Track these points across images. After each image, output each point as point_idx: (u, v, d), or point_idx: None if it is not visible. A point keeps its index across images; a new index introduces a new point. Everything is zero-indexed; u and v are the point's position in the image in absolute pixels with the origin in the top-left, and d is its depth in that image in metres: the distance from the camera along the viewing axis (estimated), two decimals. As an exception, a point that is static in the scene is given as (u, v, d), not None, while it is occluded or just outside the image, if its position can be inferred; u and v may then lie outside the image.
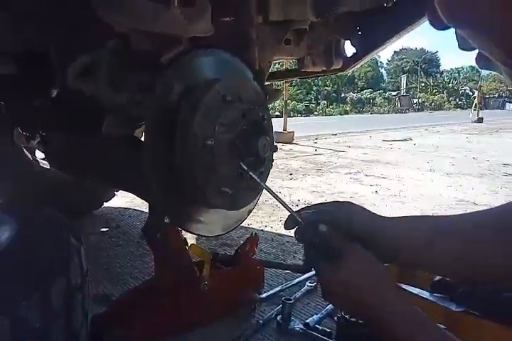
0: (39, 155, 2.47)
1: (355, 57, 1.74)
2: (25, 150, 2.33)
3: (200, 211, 0.96)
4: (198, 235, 0.99)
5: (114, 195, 2.64)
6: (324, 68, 1.76)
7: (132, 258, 1.96)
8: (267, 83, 1.62)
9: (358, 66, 1.87)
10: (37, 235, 0.92)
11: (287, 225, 0.76)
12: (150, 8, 0.87)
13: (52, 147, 1.28)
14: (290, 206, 0.77)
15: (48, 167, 2.45)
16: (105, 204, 2.66)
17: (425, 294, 1.23)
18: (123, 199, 2.97)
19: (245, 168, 0.84)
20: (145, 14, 0.86)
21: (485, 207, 2.60)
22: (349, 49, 1.75)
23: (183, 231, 1.13)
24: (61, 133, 1.23)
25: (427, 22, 0.46)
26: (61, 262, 0.88)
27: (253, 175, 0.83)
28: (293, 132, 7.73)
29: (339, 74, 2.04)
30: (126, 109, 0.95)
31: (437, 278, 1.28)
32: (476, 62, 0.46)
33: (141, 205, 2.90)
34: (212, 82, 0.86)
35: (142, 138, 1.02)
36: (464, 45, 0.45)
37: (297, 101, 28.93)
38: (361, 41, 1.66)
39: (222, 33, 1.15)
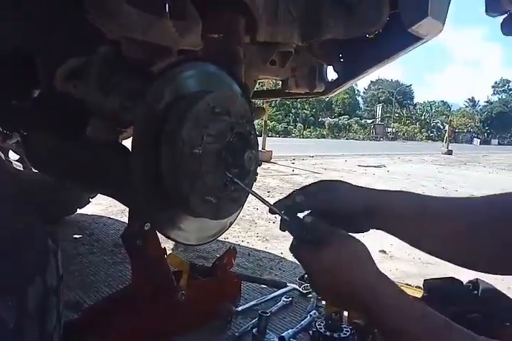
0: (12, 156, 2.44)
1: (337, 83, 1.81)
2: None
3: (184, 219, 0.97)
4: (180, 243, 1.00)
5: (89, 201, 2.59)
6: (307, 90, 1.83)
7: (106, 266, 1.94)
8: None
9: (339, 91, 1.94)
10: (14, 237, 0.92)
11: (282, 227, 0.77)
12: (142, 18, 0.90)
13: (33, 147, 1.27)
14: (266, 222, 0.81)
15: (21, 169, 2.41)
16: (79, 211, 2.62)
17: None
18: (97, 207, 2.95)
19: (230, 176, 0.87)
20: (137, 23, 0.90)
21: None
22: (331, 74, 1.82)
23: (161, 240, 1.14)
24: (43, 134, 1.23)
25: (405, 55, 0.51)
26: (38, 264, 0.88)
27: (238, 182, 0.86)
28: (271, 151, 7.83)
29: (320, 97, 2.11)
30: (115, 114, 0.97)
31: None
32: (502, 27, 0.50)
33: (116, 213, 2.88)
34: (202, 94, 0.89)
35: (125, 144, 1.03)
36: (491, 10, 0.48)
37: (276, 122, 29.22)
38: (343, 68, 1.73)
39: (211, 48, 1.20)
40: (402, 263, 2.43)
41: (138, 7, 0.90)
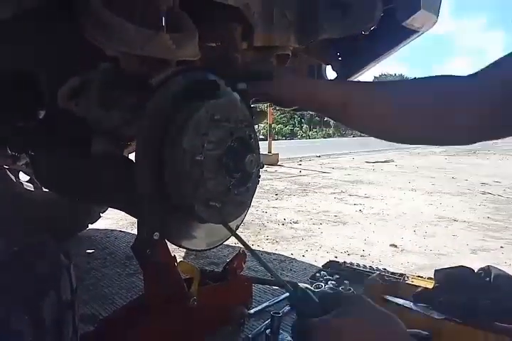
0: (23, 177, 2.48)
1: (336, 81, 1.81)
2: (8, 172, 2.34)
3: (191, 225, 0.99)
4: (189, 249, 1.01)
5: (100, 216, 2.65)
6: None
7: (119, 278, 1.95)
8: (252, 105, 1.68)
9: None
10: (27, 253, 0.95)
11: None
12: (140, 33, 0.92)
13: (41, 167, 1.30)
14: (275, 225, 0.74)
15: (32, 189, 2.47)
16: (91, 226, 2.66)
17: (409, 304, 1.28)
18: (108, 221, 2.98)
19: (232, 231, 0.88)
20: (135, 39, 0.91)
21: (465, 224, 2.67)
22: (331, 73, 1.83)
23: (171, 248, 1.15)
24: (50, 153, 1.26)
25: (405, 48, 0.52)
26: (52, 278, 0.90)
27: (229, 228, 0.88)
28: (277, 154, 7.83)
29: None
30: (116, 128, 0.99)
31: (419, 289, 1.33)
32: None
33: (127, 226, 2.91)
34: (200, 102, 0.91)
35: (131, 157, 1.05)
36: None
37: (282, 125, 29.23)
38: (342, 66, 1.74)
39: (209, 57, 1.21)
40: (413, 255, 2.43)
41: (134, 22, 0.92)
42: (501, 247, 2.61)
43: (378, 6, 1.30)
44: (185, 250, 2.34)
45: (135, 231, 1.18)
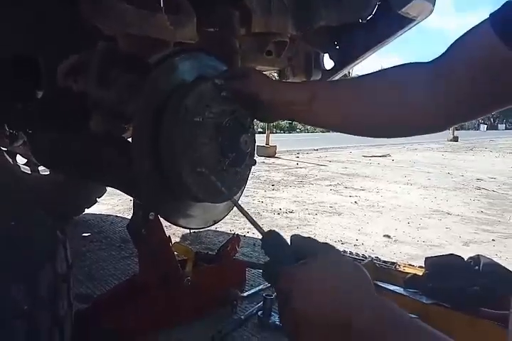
0: (20, 159, 2.49)
1: (333, 70, 1.83)
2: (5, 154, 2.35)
3: (186, 204, 1.00)
4: (185, 228, 1.03)
5: (96, 201, 2.66)
6: (304, 79, 1.85)
7: (114, 261, 1.98)
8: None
9: (336, 78, 1.96)
10: (24, 226, 0.97)
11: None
12: (137, 14, 0.93)
13: (39, 145, 1.31)
14: (271, 214, 0.70)
15: (29, 172, 2.48)
16: (87, 211, 2.67)
17: (399, 290, 1.31)
18: (104, 206, 3.00)
19: (212, 178, 0.87)
20: (133, 19, 0.93)
21: (458, 218, 2.70)
22: (328, 62, 1.84)
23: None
24: (48, 131, 1.27)
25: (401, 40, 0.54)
26: (48, 251, 0.92)
27: (215, 180, 0.86)
28: (275, 146, 7.83)
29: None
30: (115, 106, 1.00)
31: (410, 275, 1.36)
32: None
33: (123, 212, 2.93)
34: (207, 77, 0.92)
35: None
36: None
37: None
38: (339, 54, 1.75)
39: (207, 41, 1.23)
40: (406, 246, 2.46)
41: (132, 3, 0.93)
42: (493, 240, 2.65)
43: (374, -7, 1.31)
44: (180, 235, 2.36)
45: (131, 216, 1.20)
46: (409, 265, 1.63)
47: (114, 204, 3.12)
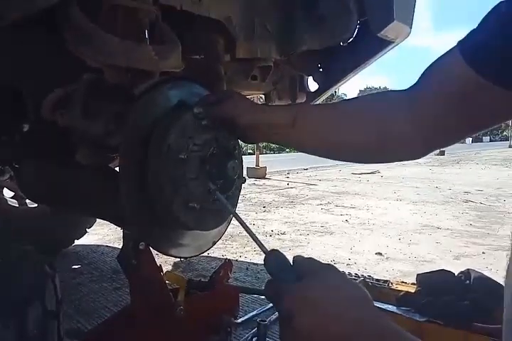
0: (7, 193, 2.46)
1: (318, 92, 1.86)
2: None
3: (176, 234, 0.99)
4: (174, 257, 1.02)
5: (86, 232, 2.62)
6: (289, 102, 1.87)
7: (106, 292, 1.94)
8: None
9: (321, 100, 1.99)
10: (13, 263, 0.95)
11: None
12: (123, 45, 0.94)
13: (25, 178, 1.30)
14: (263, 236, 0.66)
15: (17, 205, 2.45)
16: (77, 242, 2.63)
17: (393, 308, 1.30)
18: (94, 237, 2.96)
19: (212, 187, 0.87)
20: (118, 50, 0.93)
21: (448, 232, 2.72)
22: (312, 84, 1.87)
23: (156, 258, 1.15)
24: (35, 165, 1.26)
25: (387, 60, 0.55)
26: (36, 287, 0.90)
27: (219, 196, 0.86)
28: (265, 167, 7.85)
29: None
30: (101, 138, 1.00)
31: (402, 293, 1.36)
32: None
33: (114, 241, 2.89)
34: (187, 105, 0.92)
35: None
36: None
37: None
38: (323, 77, 1.78)
39: (192, 68, 1.24)
40: (398, 263, 2.46)
41: (117, 35, 0.94)
42: (483, 253, 2.66)
43: (353, 18, 1.34)
44: (172, 263, 2.33)
45: (121, 246, 1.18)
46: (402, 282, 1.62)
47: (104, 233, 3.08)
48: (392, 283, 1.60)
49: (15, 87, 1.11)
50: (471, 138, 43.74)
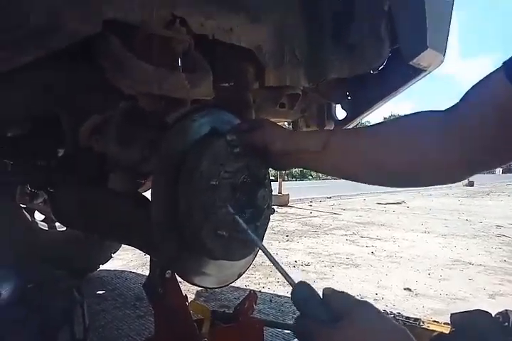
0: (38, 216, 2.50)
1: (346, 120, 1.84)
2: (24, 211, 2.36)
3: (203, 262, 0.98)
4: (201, 287, 0.99)
5: (111, 257, 2.63)
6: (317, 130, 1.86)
7: (129, 320, 1.91)
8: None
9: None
10: (42, 287, 0.94)
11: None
12: (157, 73, 0.95)
13: (59, 203, 1.31)
14: (286, 267, 0.63)
15: (46, 228, 2.48)
16: (101, 267, 2.64)
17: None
18: (119, 262, 2.96)
19: (232, 211, 0.85)
20: (152, 79, 0.95)
21: (481, 268, 2.62)
22: (340, 112, 1.86)
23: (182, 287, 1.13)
24: (69, 190, 1.27)
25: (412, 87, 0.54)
26: (66, 313, 0.89)
27: (238, 219, 0.83)
28: (288, 195, 7.80)
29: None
30: (134, 164, 1.00)
31: (436, 333, 1.28)
32: None
33: (138, 267, 2.87)
34: (219, 133, 0.92)
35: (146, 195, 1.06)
36: None
37: (292, 166, 29.09)
38: (351, 105, 1.78)
39: (223, 96, 1.25)
40: (428, 299, 2.35)
41: (152, 63, 0.96)
42: (520, 292, 2.53)
43: (385, 45, 1.33)
44: (195, 292, 2.29)
45: (146, 272, 1.17)
46: (434, 321, 1.53)
47: (128, 259, 3.07)
48: (423, 322, 1.52)
49: (53, 113, 1.14)
50: (501, 169, 42.83)
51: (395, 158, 0.76)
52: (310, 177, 28.92)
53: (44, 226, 2.46)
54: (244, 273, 1.12)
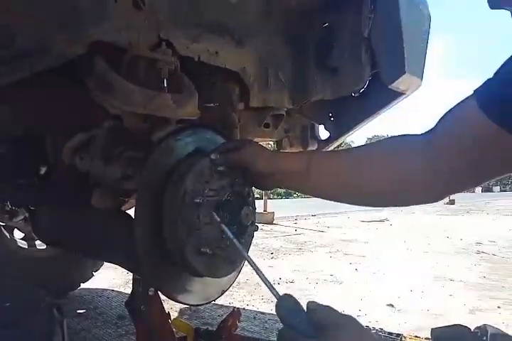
0: (17, 234, 2.47)
1: (329, 140, 1.88)
2: (3, 229, 2.33)
3: (187, 279, 0.98)
4: (185, 304, 1.00)
5: (92, 275, 2.59)
6: (301, 149, 1.90)
7: (110, 339, 1.89)
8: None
9: (331, 148, 2.02)
10: (22, 309, 0.94)
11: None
12: (143, 94, 0.98)
13: (40, 221, 1.31)
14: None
15: (26, 246, 2.44)
16: (82, 286, 2.59)
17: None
18: (101, 280, 2.91)
19: (218, 219, 0.86)
20: (138, 99, 0.97)
21: (461, 284, 2.65)
22: (323, 132, 1.90)
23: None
24: (50, 208, 1.27)
25: (393, 108, 0.58)
26: (45, 334, 0.89)
27: (224, 227, 0.84)
28: (273, 213, 7.81)
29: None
30: (117, 182, 1.02)
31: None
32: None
33: (119, 286, 2.84)
34: (203, 152, 0.94)
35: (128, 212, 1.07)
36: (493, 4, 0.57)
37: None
38: (334, 126, 1.82)
39: (208, 116, 1.28)
40: (410, 315, 2.38)
41: (138, 84, 0.99)
42: (498, 307, 2.57)
43: (366, 69, 1.39)
44: (178, 309, 2.28)
45: (128, 291, 1.17)
46: (415, 337, 1.56)
47: (110, 277, 3.04)
48: (405, 337, 1.54)
49: (36, 132, 1.15)
50: (481, 188, 43.50)
51: (374, 179, 0.79)
52: (295, 195, 28.92)
53: (23, 244, 2.43)
54: (227, 289, 1.12)
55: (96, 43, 0.92)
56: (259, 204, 7.26)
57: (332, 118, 1.80)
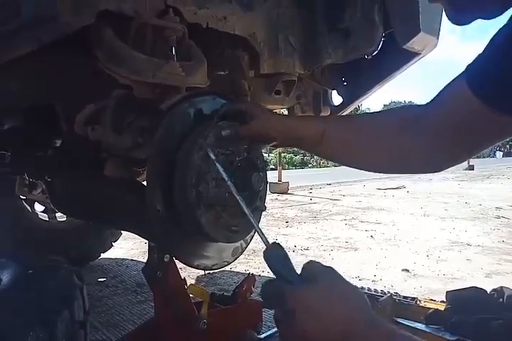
0: (38, 207, 2.53)
1: (342, 105, 1.86)
2: (24, 202, 2.39)
3: (201, 245, 1.01)
4: (199, 269, 1.03)
5: (111, 245, 2.67)
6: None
7: (130, 305, 1.96)
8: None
9: (345, 113, 1.99)
10: (43, 275, 0.97)
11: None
12: (151, 62, 0.97)
13: (57, 192, 1.34)
14: (287, 250, 0.67)
15: (47, 219, 2.51)
16: (102, 256, 2.68)
17: (421, 326, 1.26)
18: (120, 251, 3.00)
19: (213, 157, 0.86)
20: (146, 68, 0.96)
21: (479, 248, 2.64)
22: (336, 98, 1.87)
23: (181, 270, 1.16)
24: (66, 178, 1.30)
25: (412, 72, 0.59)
26: (65, 297, 0.92)
27: (218, 165, 0.85)
28: (288, 182, 7.82)
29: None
30: (129, 151, 1.02)
31: (431, 310, 1.32)
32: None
33: (138, 255, 2.92)
34: (211, 122, 0.94)
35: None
36: (454, 20, 0.59)
37: (293, 154, 29.11)
38: (347, 90, 1.79)
39: (218, 84, 1.26)
40: (426, 280, 2.40)
41: (146, 52, 0.98)
42: (517, 270, 2.57)
43: (379, 30, 1.34)
44: (195, 277, 2.34)
45: (146, 260, 1.20)
46: (431, 300, 1.57)
47: (128, 247, 3.12)
48: (420, 301, 1.55)
49: (49, 104, 1.16)
50: (501, 153, 42.75)
51: (379, 151, 0.84)
52: (310, 165, 28.86)
53: (44, 217, 2.50)
54: (241, 254, 1.15)
55: (103, 13, 0.90)
56: (273, 175, 7.27)
57: (345, 83, 1.77)
